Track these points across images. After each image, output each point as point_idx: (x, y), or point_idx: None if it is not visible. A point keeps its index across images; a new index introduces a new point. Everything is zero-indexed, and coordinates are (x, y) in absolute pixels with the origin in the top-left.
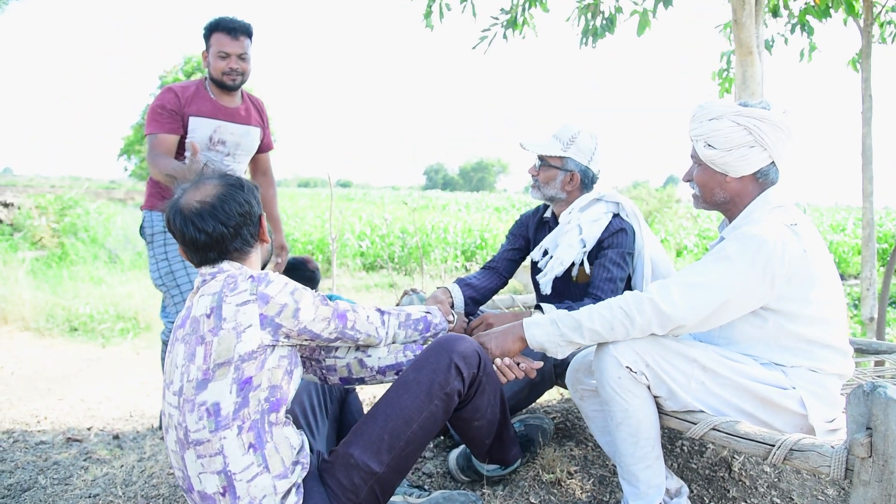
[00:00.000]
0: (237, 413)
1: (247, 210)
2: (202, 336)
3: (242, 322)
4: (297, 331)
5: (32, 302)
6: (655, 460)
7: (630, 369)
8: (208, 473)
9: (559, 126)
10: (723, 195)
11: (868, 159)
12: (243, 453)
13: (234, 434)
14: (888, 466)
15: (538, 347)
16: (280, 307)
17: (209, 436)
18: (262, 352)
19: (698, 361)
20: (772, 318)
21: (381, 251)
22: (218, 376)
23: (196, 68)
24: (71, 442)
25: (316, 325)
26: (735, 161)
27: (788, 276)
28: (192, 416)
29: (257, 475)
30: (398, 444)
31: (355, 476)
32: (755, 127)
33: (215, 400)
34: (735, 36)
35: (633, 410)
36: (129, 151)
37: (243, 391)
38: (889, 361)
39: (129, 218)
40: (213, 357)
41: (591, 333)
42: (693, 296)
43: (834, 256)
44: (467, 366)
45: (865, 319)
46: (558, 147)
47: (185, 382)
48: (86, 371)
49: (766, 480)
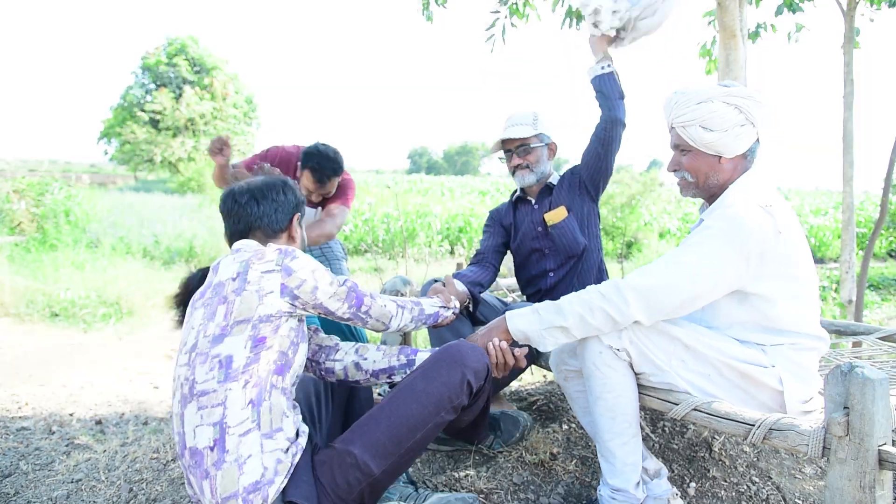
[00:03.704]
0: (247, 367)
1: (280, 200)
2: (225, 296)
3: (265, 287)
4: (312, 304)
5: (12, 287)
6: (632, 437)
7: (612, 347)
8: (204, 426)
9: (512, 117)
10: (716, 178)
11: (849, 144)
12: (242, 407)
13: (240, 387)
14: (864, 444)
15: (522, 338)
16: (300, 281)
17: (216, 386)
18: (278, 317)
19: (681, 340)
20: (750, 300)
21: (364, 235)
22: (235, 332)
23: (179, 50)
24: (53, 427)
25: (331, 304)
26: (732, 141)
27: (762, 255)
28: (203, 368)
29: (249, 431)
30: (399, 450)
31: (351, 475)
32: (744, 105)
33: (229, 353)
34: (719, 19)
35: (612, 385)
36: (109, 134)
37: (256, 349)
38: (866, 343)
39: (111, 202)
40: (234, 315)
41: (573, 316)
42: (674, 275)
43: (814, 240)
44: (477, 380)
45: (844, 302)
46: (531, 129)
47: (201, 338)
48: (67, 357)
49: (746, 460)
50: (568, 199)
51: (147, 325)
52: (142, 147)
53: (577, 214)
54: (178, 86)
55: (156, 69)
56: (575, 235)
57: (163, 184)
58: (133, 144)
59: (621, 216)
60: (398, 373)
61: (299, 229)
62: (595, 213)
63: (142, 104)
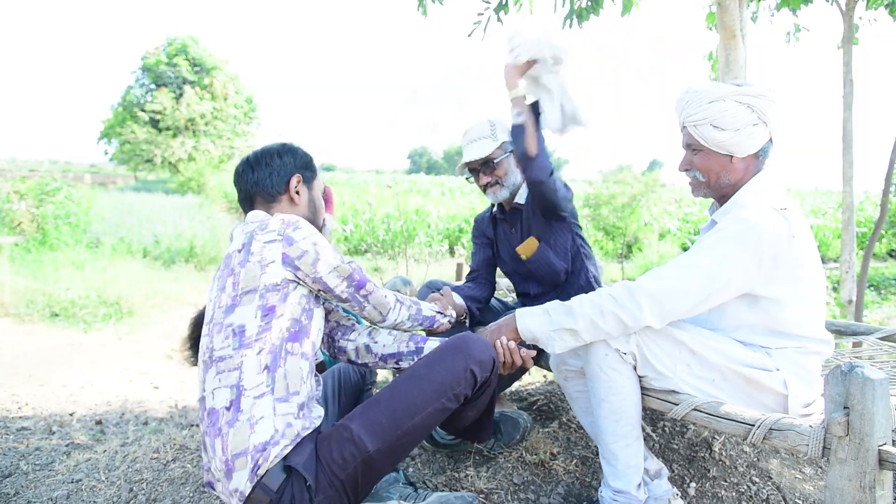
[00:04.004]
0: (260, 335)
1: (276, 164)
2: (232, 268)
3: (266, 257)
4: (312, 278)
5: (12, 287)
6: (635, 440)
7: (619, 350)
8: (222, 388)
9: (469, 132)
10: (728, 178)
11: (849, 144)
12: (258, 372)
13: (255, 353)
14: (864, 444)
15: (530, 338)
16: (301, 252)
17: (232, 353)
18: (284, 285)
19: (686, 344)
20: (759, 303)
21: (365, 235)
22: (244, 301)
23: (179, 50)
24: (53, 427)
25: (331, 280)
26: (744, 140)
27: (775, 259)
28: (220, 336)
29: (263, 394)
30: (396, 431)
31: (346, 449)
32: (756, 104)
33: (241, 322)
34: (719, 20)
35: (616, 387)
36: (109, 134)
37: (267, 317)
38: (866, 342)
39: (112, 202)
40: (241, 285)
41: (584, 319)
42: (688, 279)
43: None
44: (482, 371)
45: (844, 302)
46: (491, 142)
47: (216, 309)
48: (67, 357)
49: (746, 460)
50: (536, 227)
51: (147, 325)
52: (142, 147)
53: (549, 241)
54: (179, 86)
55: (156, 69)
56: (551, 265)
57: (163, 184)
58: (133, 144)
59: (622, 216)
60: (406, 359)
61: (304, 191)
62: (568, 230)
63: (142, 104)
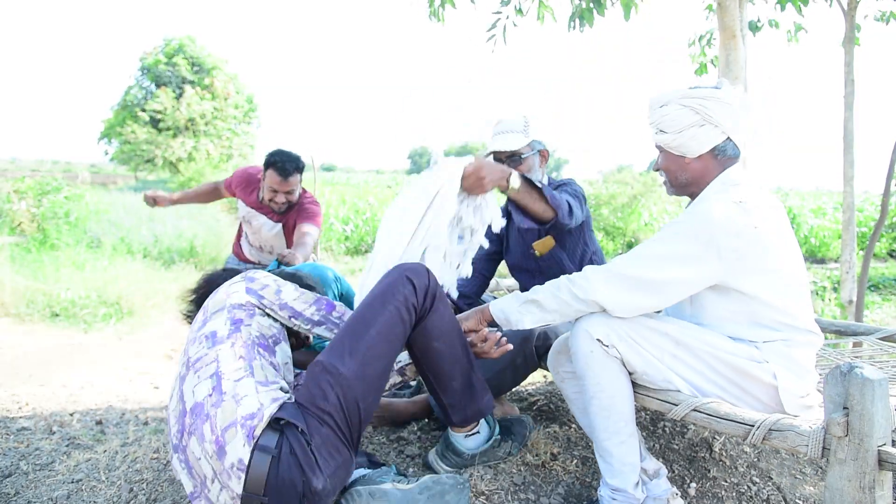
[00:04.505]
0: (231, 335)
1: None
2: (205, 307)
3: (231, 290)
4: (279, 304)
5: (12, 287)
6: (629, 437)
7: (601, 342)
8: (202, 381)
9: (500, 123)
10: (685, 177)
11: (850, 144)
12: (234, 359)
13: (228, 346)
14: (864, 445)
15: (502, 318)
16: (263, 285)
17: (207, 351)
18: (250, 308)
19: (670, 335)
20: (735, 297)
21: (365, 235)
22: (214, 318)
23: (177, 51)
24: (53, 428)
25: (297, 305)
26: (687, 141)
27: (737, 250)
28: (194, 346)
29: (243, 378)
30: (360, 346)
31: (322, 380)
32: (700, 106)
33: (212, 330)
34: (718, 19)
35: (605, 384)
36: (109, 134)
37: (235, 325)
38: (867, 343)
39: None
40: (210, 309)
41: (544, 291)
42: (638, 265)
43: (814, 240)
44: (417, 276)
45: (844, 302)
46: (522, 137)
47: (191, 333)
48: (67, 357)
49: (746, 460)
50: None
51: (147, 325)
52: (142, 147)
53: (563, 243)
54: (178, 86)
55: (155, 69)
56: (563, 266)
57: (163, 184)
58: (133, 144)
59: (622, 216)
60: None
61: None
62: (581, 234)
63: (142, 104)
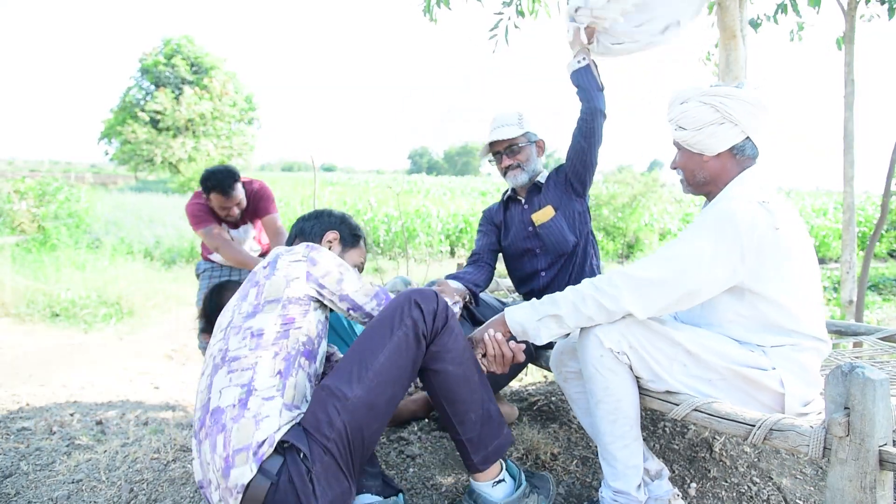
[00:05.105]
0: (277, 341)
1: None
2: (257, 281)
3: (291, 273)
4: (338, 296)
5: (13, 287)
6: (634, 440)
7: (612, 350)
8: (232, 386)
9: (497, 118)
10: (703, 175)
11: (850, 144)
12: (271, 375)
13: (270, 356)
14: (864, 445)
15: (519, 331)
16: (325, 272)
17: (247, 353)
18: (307, 302)
19: (682, 345)
20: (750, 299)
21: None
22: (267, 310)
23: (176, 51)
24: (53, 428)
25: (358, 297)
26: (706, 139)
27: (759, 251)
28: (236, 338)
29: (273, 397)
30: (367, 373)
31: (328, 405)
32: (721, 104)
33: (261, 326)
34: (719, 19)
35: (613, 388)
36: (110, 135)
37: (286, 326)
38: (867, 343)
39: (112, 202)
40: (265, 294)
41: (566, 305)
42: (665, 267)
43: (815, 240)
44: (425, 300)
45: (845, 302)
46: (517, 128)
47: (236, 315)
48: (68, 357)
49: (747, 460)
50: (555, 197)
51: (147, 325)
52: (142, 147)
53: (565, 212)
54: (178, 86)
55: (154, 70)
56: (563, 234)
57: (163, 184)
58: (134, 144)
59: (622, 216)
60: None
61: (337, 248)
62: (584, 210)
63: (142, 105)
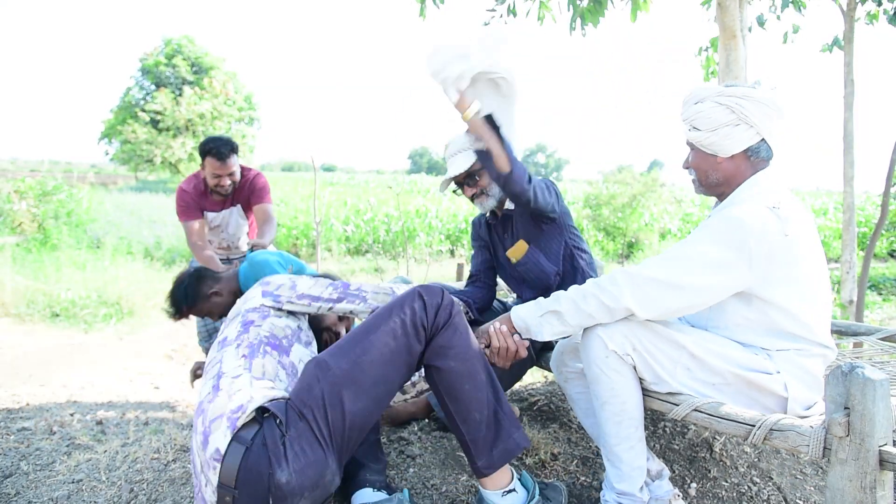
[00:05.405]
0: (238, 337)
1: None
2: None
3: (247, 297)
4: (296, 295)
5: (13, 287)
6: (638, 441)
7: (616, 353)
8: (206, 382)
9: (449, 146)
10: (716, 176)
11: (849, 144)
12: (236, 359)
13: (234, 348)
14: (864, 445)
15: (522, 327)
16: (278, 285)
17: (215, 354)
18: (263, 310)
19: (687, 348)
20: (758, 305)
21: (365, 235)
22: (230, 325)
23: (176, 51)
24: (53, 428)
25: (314, 290)
26: (721, 140)
27: (768, 257)
28: (210, 354)
29: (240, 375)
30: (354, 349)
31: (310, 374)
32: (737, 105)
33: (224, 336)
34: (719, 20)
35: (618, 390)
36: (110, 135)
37: (245, 326)
38: (867, 343)
39: (113, 202)
40: (229, 317)
41: (567, 302)
42: (669, 268)
43: None
44: (429, 294)
45: (845, 302)
46: (471, 154)
47: (215, 343)
48: (68, 357)
49: (747, 460)
50: (524, 230)
51: (148, 325)
52: (142, 147)
53: (538, 243)
54: (178, 86)
55: (154, 70)
56: (541, 268)
57: (164, 184)
58: (134, 144)
59: (622, 216)
60: None
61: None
62: (560, 231)
63: (142, 105)
